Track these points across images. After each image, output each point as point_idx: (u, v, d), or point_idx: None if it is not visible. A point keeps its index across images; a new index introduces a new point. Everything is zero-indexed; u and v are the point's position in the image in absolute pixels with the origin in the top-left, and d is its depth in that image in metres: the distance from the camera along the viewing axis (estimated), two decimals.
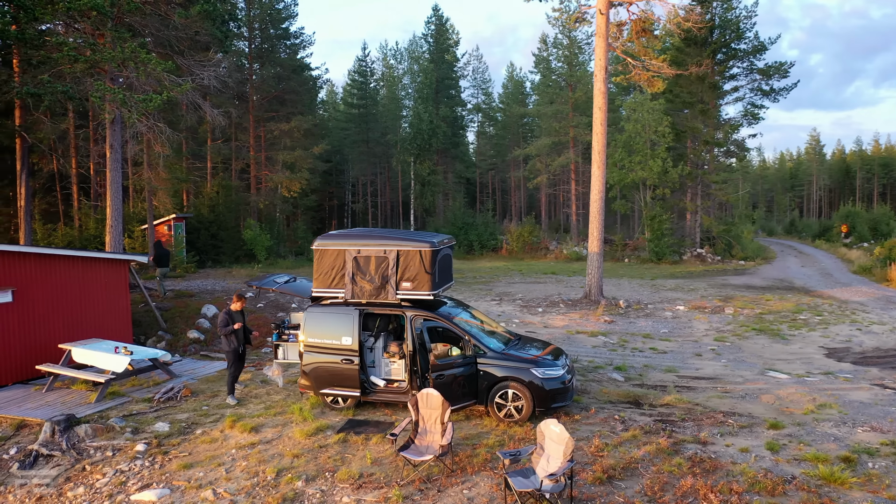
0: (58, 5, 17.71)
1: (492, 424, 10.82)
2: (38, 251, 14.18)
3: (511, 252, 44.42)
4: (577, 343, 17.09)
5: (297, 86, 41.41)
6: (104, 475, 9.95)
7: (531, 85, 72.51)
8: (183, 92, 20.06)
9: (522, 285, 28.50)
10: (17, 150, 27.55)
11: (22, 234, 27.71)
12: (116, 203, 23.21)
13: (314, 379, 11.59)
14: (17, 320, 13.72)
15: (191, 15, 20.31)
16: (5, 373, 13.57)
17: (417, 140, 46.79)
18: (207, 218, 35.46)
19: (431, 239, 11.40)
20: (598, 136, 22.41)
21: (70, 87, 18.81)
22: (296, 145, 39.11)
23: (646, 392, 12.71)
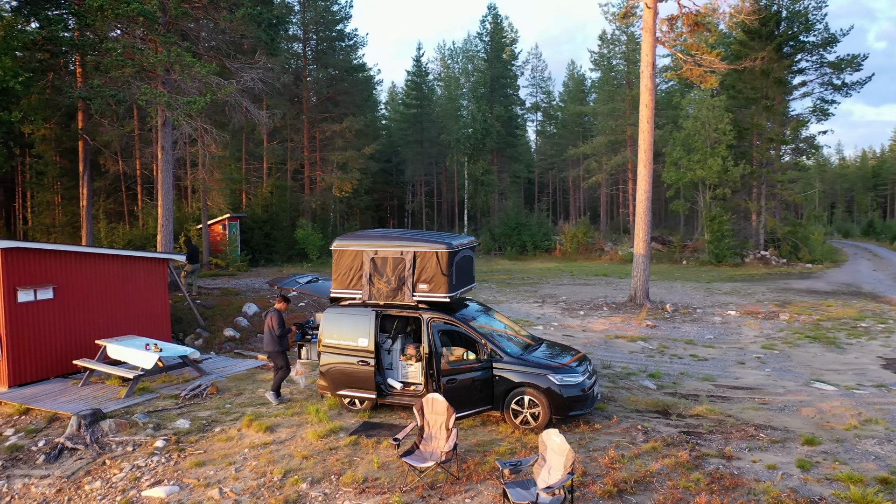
0: (107, 12, 18.31)
1: (507, 431, 10.52)
2: (78, 250, 14.66)
3: (565, 253, 43.68)
4: (614, 348, 16.54)
5: (350, 87, 41.84)
6: (121, 470, 10.15)
7: (591, 83, 71.35)
8: (227, 94, 20.46)
9: (570, 287, 27.92)
10: (80, 152, 28.75)
11: (84, 232, 28.91)
12: (167, 203, 23.91)
13: (331, 380, 11.54)
14: (58, 316, 14.21)
15: (235, 18, 20.68)
16: (47, 366, 14.08)
17: (471, 140, 46.55)
18: (261, 217, 36.21)
19: (449, 240, 11.18)
20: (644, 133, 21.68)
21: (119, 91, 19.42)
22: (348, 146, 39.51)
23: (676, 401, 12.14)
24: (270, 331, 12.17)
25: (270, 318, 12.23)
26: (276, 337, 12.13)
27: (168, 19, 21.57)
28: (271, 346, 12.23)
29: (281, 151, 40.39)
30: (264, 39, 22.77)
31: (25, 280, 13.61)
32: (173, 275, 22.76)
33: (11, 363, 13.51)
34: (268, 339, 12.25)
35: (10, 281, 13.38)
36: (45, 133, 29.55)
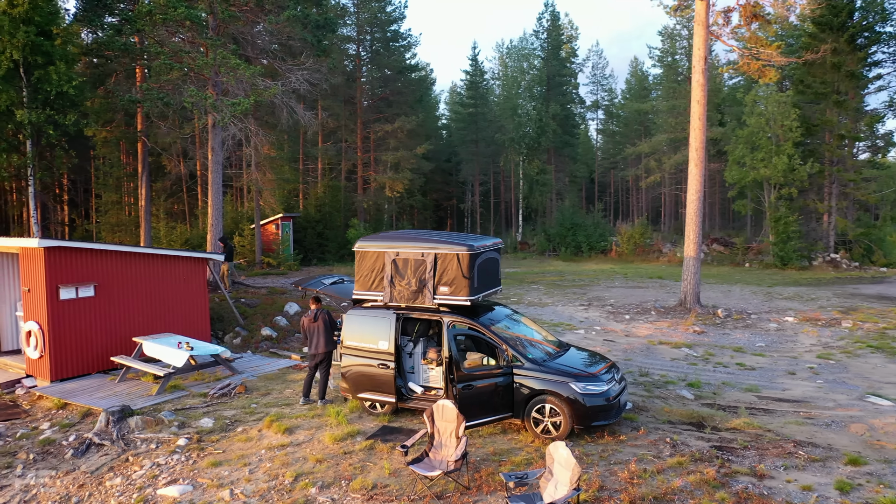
0: (155, 17, 18.77)
1: (527, 440, 10.16)
2: (117, 249, 15.03)
3: (621, 254, 42.60)
4: (656, 355, 15.88)
5: (403, 87, 41.94)
6: (141, 467, 10.27)
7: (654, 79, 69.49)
8: (272, 95, 20.69)
9: (621, 290, 27.14)
10: (139, 153, 29.71)
11: (142, 231, 29.87)
12: (217, 203, 24.38)
13: (352, 383, 11.42)
14: (99, 313, 14.60)
15: (280, 21, 20.90)
16: (87, 362, 14.49)
17: (526, 139, 45.97)
18: (314, 217, 36.68)
19: (471, 242, 10.88)
20: (695, 131, 20.80)
21: (167, 94, 19.89)
22: (400, 146, 39.60)
23: (713, 413, 11.49)
24: (327, 331, 12.04)
25: (322, 318, 12.13)
26: (331, 337, 12.04)
27: (218, 23, 22.02)
28: (330, 345, 12.07)
29: (334, 152, 40.83)
30: (310, 41, 22.92)
31: (67, 278, 14.03)
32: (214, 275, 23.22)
33: (53, 358, 13.94)
34: (325, 340, 12.05)
35: (53, 279, 13.81)
36: (107, 135, 30.68)
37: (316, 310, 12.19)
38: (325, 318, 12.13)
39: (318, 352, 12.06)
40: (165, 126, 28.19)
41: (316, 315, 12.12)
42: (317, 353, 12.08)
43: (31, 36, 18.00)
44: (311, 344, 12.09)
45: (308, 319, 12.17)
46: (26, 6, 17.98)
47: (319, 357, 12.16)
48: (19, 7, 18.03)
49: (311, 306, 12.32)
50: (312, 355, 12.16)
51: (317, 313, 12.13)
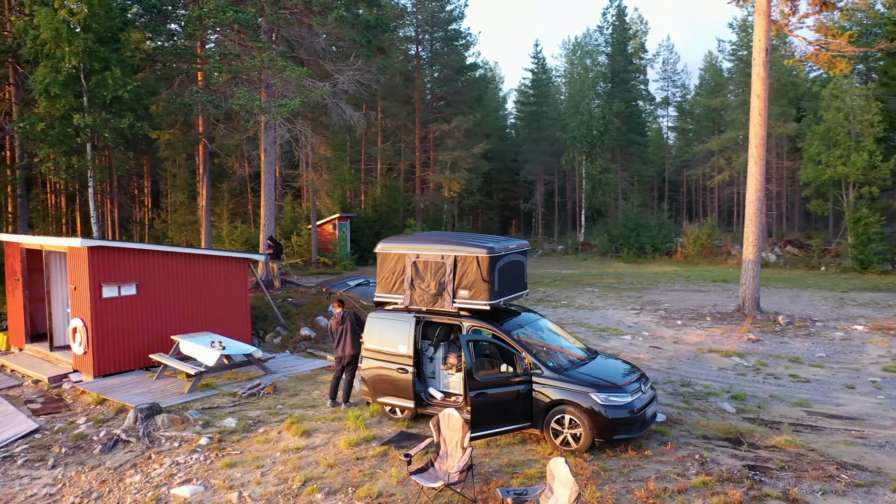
0: (205, 21, 19.16)
1: (545, 452, 9.71)
2: (159, 248, 15.39)
3: (686, 256, 41.05)
4: (703, 363, 15.05)
5: (461, 86, 41.72)
6: (161, 465, 10.39)
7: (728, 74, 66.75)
8: (319, 96, 20.81)
9: (679, 293, 26.06)
10: (200, 155, 30.55)
11: (203, 231, 30.71)
12: (269, 203, 24.78)
13: (372, 386, 11.25)
14: (141, 311, 14.97)
15: (328, 22, 21.01)
16: (129, 359, 14.88)
17: (588, 137, 44.92)
18: (371, 217, 36.91)
19: (491, 244, 10.51)
20: (755, 127, 19.68)
21: (216, 96, 20.29)
22: (457, 145, 39.37)
23: (753, 429, 10.73)
24: (354, 333, 11.89)
25: (350, 319, 12.01)
26: (358, 339, 11.86)
27: (271, 26, 22.36)
28: (356, 347, 11.86)
29: (392, 152, 41.00)
30: (359, 41, 22.96)
31: (110, 277, 14.43)
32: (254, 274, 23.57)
33: (96, 355, 14.37)
34: (351, 342, 11.87)
35: (96, 277, 14.24)
36: (170, 138, 31.72)
37: (343, 312, 12.08)
38: (352, 319, 12.02)
39: (344, 353, 11.94)
40: (225, 128, 28.92)
41: (343, 317, 12.01)
42: (343, 356, 11.96)
43: (88, 43, 18.70)
44: (337, 346, 11.98)
45: (335, 321, 12.09)
46: (85, 14, 18.69)
47: (346, 359, 12.04)
48: (78, 15, 18.77)
49: (335, 309, 12.20)
50: (339, 357, 12.03)
51: (344, 315, 12.02)
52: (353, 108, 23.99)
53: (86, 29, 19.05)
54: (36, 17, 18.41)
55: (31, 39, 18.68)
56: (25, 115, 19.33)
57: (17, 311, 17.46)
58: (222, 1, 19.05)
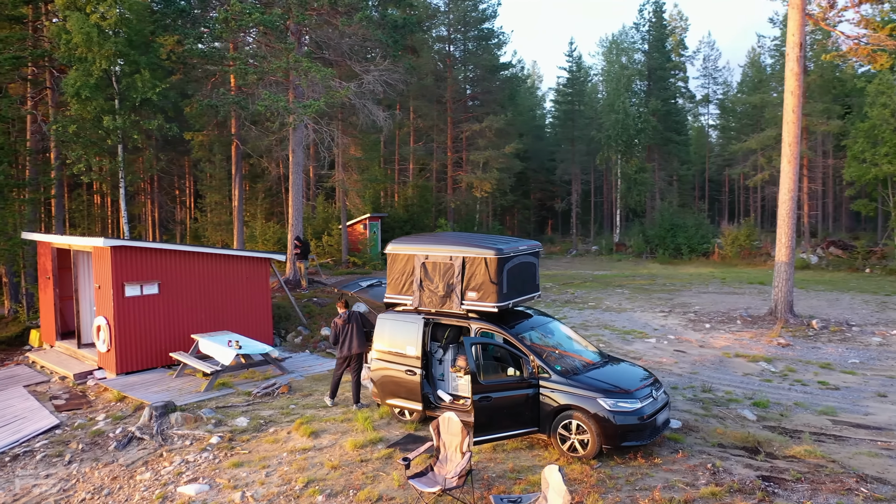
0: (231, 24, 19.39)
1: (552, 458, 9.50)
2: (181, 248, 15.60)
3: (724, 257, 40.05)
4: (728, 368, 14.60)
5: (493, 85, 41.49)
6: (171, 463, 10.50)
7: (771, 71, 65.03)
8: (343, 96, 20.87)
9: (711, 296, 25.41)
10: (233, 155, 30.97)
11: (235, 231, 31.14)
12: (297, 203, 24.96)
13: (381, 388, 11.18)
14: (163, 310, 15.20)
15: (353, 22, 21.06)
16: (151, 357, 15.11)
17: (623, 136, 44.21)
18: (402, 217, 36.95)
19: (500, 245, 10.34)
20: (789, 125, 19.04)
21: (243, 97, 20.52)
22: (488, 145, 39.14)
23: (773, 437, 10.34)
24: (360, 332, 12.02)
25: (355, 319, 12.12)
26: (363, 339, 11.99)
27: (299, 28, 22.52)
28: (362, 346, 12.03)
29: (423, 152, 41.00)
30: (384, 41, 22.96)
31: (132, 276, 14.68)
32: (294, 273, 23.69)
33: (119, 352, 14.63)
34: (358, 342, 12.00)
35: (119, 276, 14.49)
36: (203, 139, 32.24)
37: (348, 312, 12.09)
38: (357, 319, 12.09)
39: (350, 353, 11.97)
40: (256, 129, 29.27)
41: (349, 317, 12.02)
42: (350, 355, 11.98)
43: (118, 46, 19.10)
44: (343, 345, 11.99)
45: (341, 321, 12.08)
46: (115, 18, 19.09)
47: (353, 359, 12.05)
48: (109, 20, 19.18)
49: (339, 309, 12.24)
50: (345, 357, 12.04)
51: (349, 315, 12.03)
52: (380, 108, 24.00)
53: (117, 33, 19.47)
54: (68, 21, 18.87)
55: (65, 44, 19.16)
56: (59, 117, 19.85)
57: (49, 308, 17.91)
58: (248, 3, 19.26)
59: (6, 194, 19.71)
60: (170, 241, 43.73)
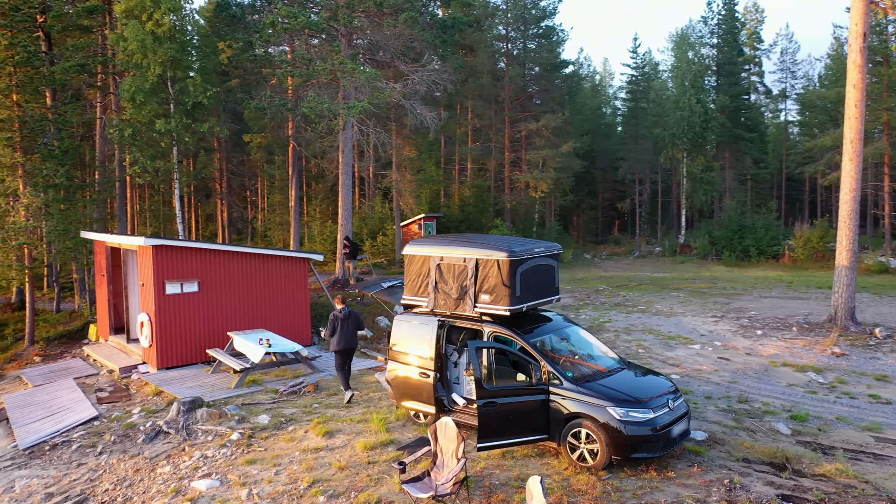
0: (278, 27, 19.79)
1: (560, 467, 9.22)
2: (220, 248, 16.01)
3: (795, 260, 38.13)
4: (771, 378, 13.84)
5: (551, 83, 40.88)
6: (191, 458, 10.76)
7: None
8: (388, 97, 20.97)
9: (773, 301, 24.22)
10: (290, 157, 31.65)
11: (292, 230, 31.84)
12: (347, 203, 25.26)
13: (396, 390, 11.13)
14: (202, 308, 15.64)
15: (398, 23, 21.13)
16: (190, 353, 15.58)
17: (688, 134, 42.71)
18: (457, 217, 36.88)
19: (514, 247, 10.10)
20: (851, 120, 17.89)
21: (288, 100, 20.91)
22: (545, 144, 38.58)
23: (804, 454, 9.71)
24: (357, 327, 12.79)
25: (354, 314, 12.78)
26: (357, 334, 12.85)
27: (349, 30, 22.78)
28: (356, 341, 12.89)
29: (479, 152, 40.81)
30: (431, 41, 22.94)
31: (173, 274, 15.16)
32: (343, 272, 23.98)
33: (159, 348, 15.14)
34: (356, 336, 12.84)
35: (160, 274, 15.00)
36: (261, 141, 33.08)
37: (347, 308, 12.77)
38: (356, 315, 12.78)
39: (353, 346, 12.67)
40: (311, 131, 29.81)
41: (349, 314, 12.66)
42: (352, 347, 12.66)
43: (171, 52, 19.81)
44: (342, 338, 12.50)
45: (343, 316, 12.58)
46: (168, 25, 19.82)
47: (352, 351, 12.77)
48: (164, 27, 19.91)
49: (337, 304, 12.83)
50: (348, 349, 12.62)
51: (350, 311, 12.71)
52: (429, 108, 23.99)
53: (170, 39, 20.20)
54: (125, 29, 19.69)
55: (122, 51, 20.01)
56: (116, 121, 20.75)
57: (103, 304, 18.73)
58: (294, 7, 19.62)
59: (70, 195, 20.76)
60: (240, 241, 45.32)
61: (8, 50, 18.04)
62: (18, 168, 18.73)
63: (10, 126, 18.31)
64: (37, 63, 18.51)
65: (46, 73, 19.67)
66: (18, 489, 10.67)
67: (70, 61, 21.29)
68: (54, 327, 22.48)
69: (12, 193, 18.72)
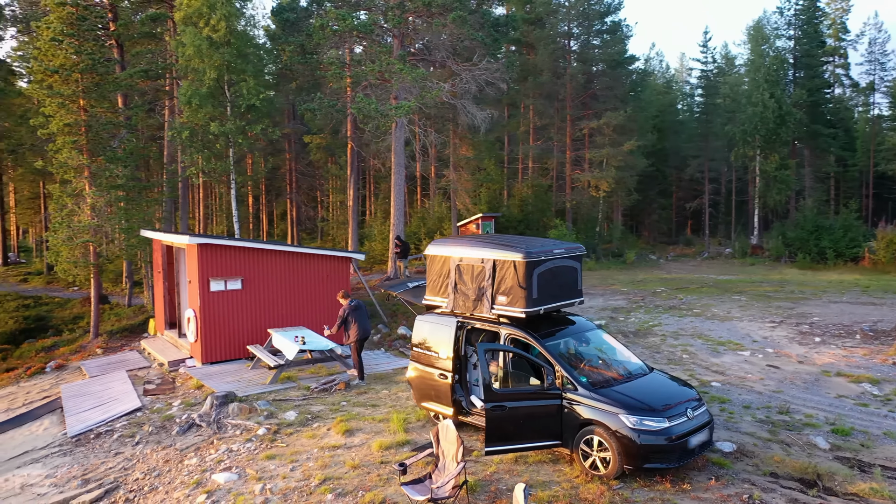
0: (326, 30, 20.14)
1: (572, 474, 8.98)
2: (263, 246, 16.42)
3: (876, 263, 35.90)
4: (820, 388, 13.07)
5: (614, 80, 39.95)
6: (217, 451, 11.07)
7: None
8: (436, 97, 21.00)
9: (841, 306, 22.89)
10: (349, 157, 32.17)
11: (350, 229, 32.37)
12: (399, 202, 25.47)
13: (416, 390, 11.14)
14: (245, 305, 16.08)
15: (447, 22, 21.13)
16: (233, 349, 16.05)
17: (761, 131, 40.85)
18: (516, 217, 36.57)
19: (530, 248, 9.90)
20: None
21: (336, 101, 21.24)
22: (606, 142, 37.74)
23: (838, 470, 9.13)
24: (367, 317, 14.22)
25: (362, 307, 14.06)
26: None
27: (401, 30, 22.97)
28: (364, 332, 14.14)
29: (539, 151, 40.33)
30: (481, 40, 22.82)
31: (217, 272, 15.65)
32: (394, 271, 24.21)
33: (203, 343, 15.67)
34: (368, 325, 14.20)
35: (205, 272, 15.51)
36: (320, 142, 33.74)
37: (353, 301, 13.91)
38: (362, 306, 14.03)
39: (367, 335, 13.78)
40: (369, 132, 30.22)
41: (358, 303, 13.82)
42: (367, 335, 13.82)
43: (226, 57, 20.47)
44: (359, 328, 13.63)
45: (353, 307, 13.70)
46: (224, 31, 20.48)
47: (367, 338, 14.02)
48: (219, 32, 20.59)
49: (341, 301, 13.95)
50: (364, 338, 13.76)
51: (357, 302, 13.89)
52: (478, 106, 23.88)
53: (226, 44, 20.87)
54: (183, 36, 20.48)
55: (181, 56, 20.81)
56: (174, 124, 21.61)
57: (160, 300, 19.53)
58: (343, 9, 19.92)
59: (136, 195, 21.76)
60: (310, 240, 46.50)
61: (75, 57, 19.06)
62: (84, 170, 19.75)
63: (76, 130, 19.34)
64: (101, 69, 19.49)
65: (112, 79, 20.66)
66: (59, 475, 11.25)
67: (135, 67, 22.30)
68: (120, 321, 23.62)
69: (78, 194, 19.76)
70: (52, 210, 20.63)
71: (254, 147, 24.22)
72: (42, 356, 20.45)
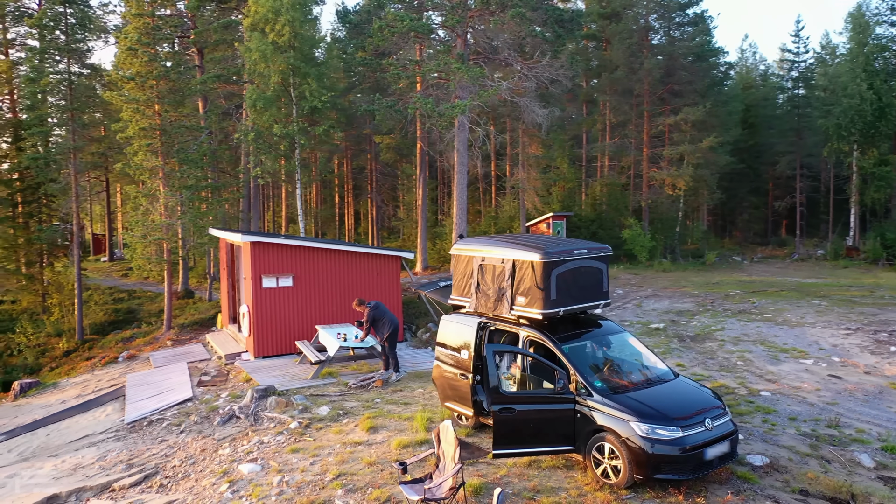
0: (385, 32, 20.43)
1: (583, 481, 8.75)
2: (313, 244, 16.85)
3: None
4: (881, 402, 12.11)
5: (693, 74, 38.38)
6: (249, 442, 11.47)
7: None
8: (493, 95, 20.90)
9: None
10: (418, 157, 32.51)
11: (419, 228, 32.70)
12: (461, 202, 25.53)
13: (440, 390, 11.14)
14: (296, 301, 16.57)
15: (506, 20, 20.97)
16: (284, 344, 16.57)
17: (858, 125, 38.16)
18: (589, 216, 35.85)
19: (549, 248, 9.69)
20: None
21: (395, 101, 21.49)
22: (684, 139, 36.31)
23: (877, 490, 8.46)
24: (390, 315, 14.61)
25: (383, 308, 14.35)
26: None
27: (463, 30, 23.00)
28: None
29: (613, 149, 39.31)
30: (542, 37, 22.50)
31: (269, 269, 16.19)
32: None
33: (256, 338, 16.26)
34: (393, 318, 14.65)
35: (257, 269, 16.08)
36: (390, 142, 34.21)
37: (372, 302, 14.25)
38: (383, 305, 14.36)
39: (397, 326, 14.35)
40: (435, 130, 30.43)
41: (377, 305, 14.17)
42: (397, 328, 14.33)
43: (290, 61, 21.13)
44: (387, 323, 14.14)
45: (374, 306, 14.04)
46: (288, 36, 21.14)
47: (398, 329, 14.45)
48: (284, 37, 21.27)
49: (357, 308, 14.37)
50: (394, 331, 14.22)
51: (376, 303, 14.27)
52: (540, 104, 23.56)
53: (290, 48, 21.54)
54: (250, 41, 21.29)
55: (248, 60, 21.65)
56: (241, 126, 22.52)
57: (224, 295, 20.40)
58: (401, 11, 20.15)
59: (203, 195, 22.82)
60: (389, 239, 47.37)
61: (150, 64, 20.20)
62: (159, 171, 20.89)
63: (151, 134, 20.48)
64: (174, 76, 20.58)
65: (187, 85, 21.75)
66: (109, 458, 11.95)
67: (210, 73, 23.36)
68: (195, 315, 24.80)
69: (153, 194, 20.93)
70: (129, 209, 21.91)
71: (318, 147, 24.89)
72: (119, 346, 21.79)
